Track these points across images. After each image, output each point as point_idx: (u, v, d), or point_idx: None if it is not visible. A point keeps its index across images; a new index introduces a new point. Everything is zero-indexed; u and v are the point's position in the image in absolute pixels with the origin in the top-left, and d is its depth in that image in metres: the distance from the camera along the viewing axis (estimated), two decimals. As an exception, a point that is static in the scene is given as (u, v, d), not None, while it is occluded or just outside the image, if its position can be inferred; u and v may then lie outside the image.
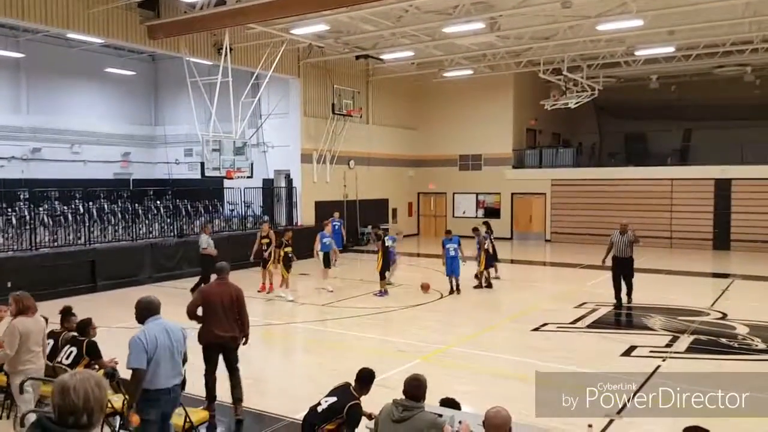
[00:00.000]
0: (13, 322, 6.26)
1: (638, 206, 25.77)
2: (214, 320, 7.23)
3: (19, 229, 16.77)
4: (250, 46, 20.97)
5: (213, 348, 7.29)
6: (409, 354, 10.23)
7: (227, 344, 7.29)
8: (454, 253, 15.23)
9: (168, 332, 5.44)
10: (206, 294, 7.42)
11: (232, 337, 7.28)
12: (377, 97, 28.09)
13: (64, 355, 7.14)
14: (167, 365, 5.39)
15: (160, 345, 5.34)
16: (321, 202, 24.44)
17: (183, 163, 28.28)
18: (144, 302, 5.58)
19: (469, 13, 18.18)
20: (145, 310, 5.53)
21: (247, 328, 7.44)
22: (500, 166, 28.97)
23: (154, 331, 5.38)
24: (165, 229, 19.99)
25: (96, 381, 2.41)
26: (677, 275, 19.02)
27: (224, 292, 7.32)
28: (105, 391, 2.41)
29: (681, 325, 12.18)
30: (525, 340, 11.41)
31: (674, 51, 23.42)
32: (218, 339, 7.23)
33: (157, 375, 5.33)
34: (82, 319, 7.61)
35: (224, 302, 7.24)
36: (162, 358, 5.34)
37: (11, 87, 24.00)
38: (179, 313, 7.11)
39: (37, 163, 24.22)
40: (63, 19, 16.22)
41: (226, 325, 7.24)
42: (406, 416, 4.67)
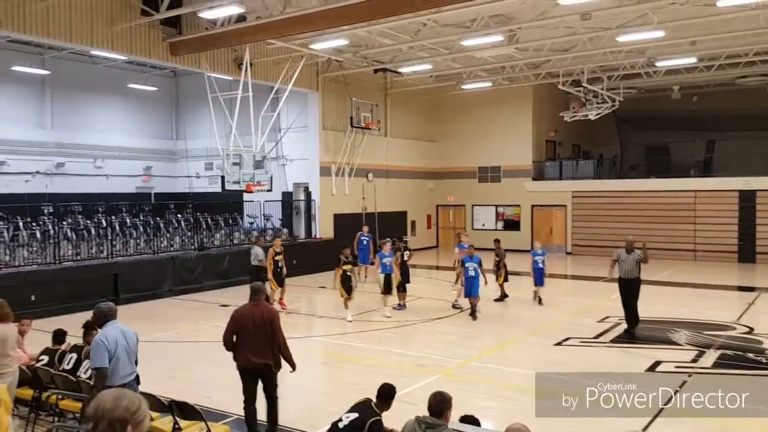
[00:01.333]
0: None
1: (661, 218, 25.47)
2: (246, 344, 6.86)
3: (43, 242, 16.99)
4: (270, 61, 21.16)
5: (247, 374, 6.93)
6: (429, 368, 10.16)
7: (262, 371, 6.89)
8: (474, 273, 14.00)
9: (124, 335, 6.00)
10: (237, 317, 6.99)
11: (266, 364, 6.85)
12: (395, 110, 28.16)
13: (66, 362, 7.24)
14: (125, 363, 5.95)
15: (119, 345, 5.89)
16: (340, 215, 24.49)
17: (203, 176, 28.51)
18: (104, 308, 6.07)
19: (487, 25, 18.18)
20: (104, 315, 6.03)
21: (286, 352, 6.98)
22: (520, 177, 28.83)
23: (113, 333, 5.92)
24: (186, 243, 20.13)
25: (128, 399, 2.40)
26: (702, 288, 18.71)
27: (256, 314, 6.90)
28: (127, 411, 2.37)
29: (707, 339, 11.97)
30: (547, 354, 11.26)
31: (696, 61, 23.21)
32: (251, 365, 6.85)
33: (117, 372, 5.86)
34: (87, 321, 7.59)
35: (256, 325, 6.82)
36: (120, 356, 5.90)
37: (37, 103, 24.42)
38: (199, 328, 7.12)
39: (61, 177, 24.57)
40: (87, 36, 16.50)
41: (258, 349, 6.82)
42: (428, 434, 4.61)
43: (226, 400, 8.25)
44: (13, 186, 22.69)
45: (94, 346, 5.84)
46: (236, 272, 19.81)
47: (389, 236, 24.94)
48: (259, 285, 7.25)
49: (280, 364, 7.00)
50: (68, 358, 7.33)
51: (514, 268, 21.60)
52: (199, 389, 9.05)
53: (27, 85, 23.81)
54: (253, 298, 7.07)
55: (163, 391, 7.80)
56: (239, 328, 6.94)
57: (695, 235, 25.41)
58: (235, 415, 7.71)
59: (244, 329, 6.91)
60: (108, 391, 2.50)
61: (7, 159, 22.85)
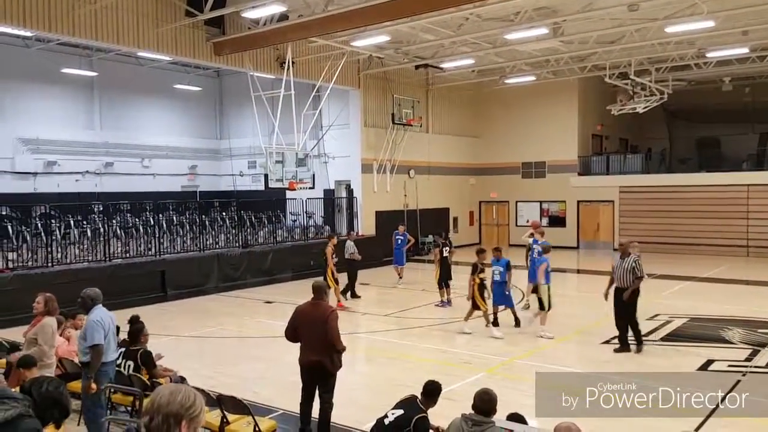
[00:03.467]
0: (48, 321, 6.78)
1: (712, 213, 24.76)
2: (304, 342, 6.96)
3: (94, 240, 17.41)
4: (312, 59, 21.27)
5: (304, 371, 6.98)
6: (474, 366, 10.06)
7: (316, 369, 6.89)
8: (500, 278, 12.41)
9: (110, 317, 6.68)
10: (297, 314, 7.06)
11: (319, 362, 6.83)
12: (437, 106, 28.00)
13: (123, 367, 7.35)
14: (112, 342, 6.73)
15: (110, 325, 6.62)
16: (381, 212, 24.49)
17: (247, 175, 28.90)
18: (92, 293, 6.63)
19: (531, 19, 17.90)
20: (91, 300, 6.59)
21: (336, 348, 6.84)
22: (565, 173, 28.32)
23: (104, 315, 6.59)
24: (230, 240, 20.41)
25: (184, 394, 2.40)
26: (756, 285, 18.10)
27: (314, 312, 6.93)
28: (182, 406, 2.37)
29: (762, 338, 11.56)
30: (594, 353, 11.03)
31: (748, 52, 22.41)
32: (308, 363, 6.91)
33: (110, 348, 6.63)
34: (134, 326, 7.75)
35: (315, 323, 6.84)
36: (111, 335, 6.66)
37: (86, 104, 25.10)
38: (244, 324, 7.17)
39: (109, 177, 25.22)
40: (134, 38, 16.85)
41: (315, 348, 6.84)
42: (476, 431, 4.55)
43: (273, 395, 8.32)
44: (64, 185, 23.38)
45: (92, 325, 6.43)
46: (279, 269, 20.03)
47: (431, 233, 25.01)
48: (321, 283, 7.17)
49: (337, 364, 6.93)
50: (125, 364, 7.44)
51: (558, 265, 21.31)
52: (247, 384, 9.13)
53: (76, 87, 24.48)
54: (315, 296, 7.03)
55: (211, 386, 7.91)
56: (299, 325, 6.98)
57: (748, 231, 24.59)
58: (282, 410, 7.76)
59: (302, 328, 6.94)
60: (165, 386, 2.53)
61: (58, 159, 23.55)
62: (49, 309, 6.82)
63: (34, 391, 3.67)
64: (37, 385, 3.75)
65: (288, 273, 19.98)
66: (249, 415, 6.16)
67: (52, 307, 6.85)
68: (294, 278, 19.62)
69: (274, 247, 20.67)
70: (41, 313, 6.81)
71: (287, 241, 21.83)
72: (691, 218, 24.73)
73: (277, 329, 8.06)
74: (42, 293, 6.99)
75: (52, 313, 6.84)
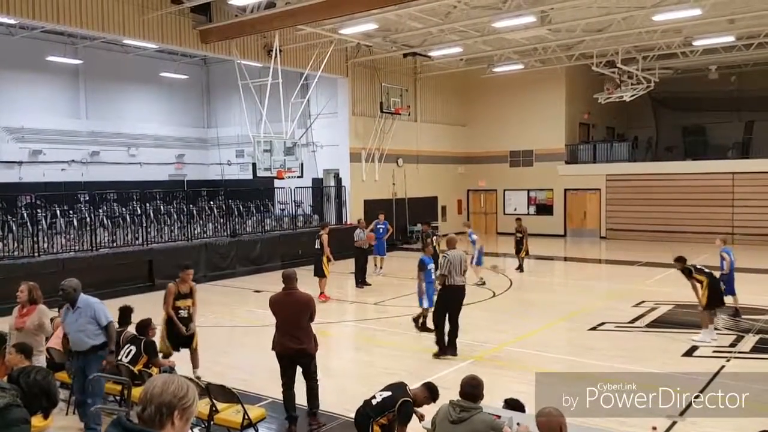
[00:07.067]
0: (46, 309, 6.87)
1: (697, 201, 24.98)
2: (280, 330, 7.01)
3: (80, 230, 17.29)
4: (299, 47, 21.15)
5: (283, 358, 7.03)
6: (462, 353, 10.10)
7: (296, 357, 6.97)
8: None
9: None
10: (271, 304, 7.14)
11: (299, 349, 6.90)
12: (425, 94, 27.97)
13: (124, 353, 7.36)
14: None
15: None
16: (370, 201, 24.48)
17: (235, 164, 28.78)
18: (74, 284, 6.72)
19: (519, 6, 17.89)
20: (74, 289, 6.68)
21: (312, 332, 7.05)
22: (552, 161, 28.43)
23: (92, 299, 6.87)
24: (218, 229, 20.35)
25: (176, 384, 2.42)
26: (740, 272, 18.22)
27: (289, 301, 6.99)
28: (174, 396, 2.38)
29: (745, 324, 11.71)
30: (581, 339, 11.14)
31: (734, 40, 22.51)
32: (286, 350, 6.96)
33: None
34: (142, 320, 7.87)
35: (290, 312, 6.93)
36: None
37: (71, 93, 24.84)
38: (234, 313, 7.17)
39: (96, 166, 25.01)
40: (119, 25, 16.68)
41: (292, 336, 6.91)
42: (463, 417, 4.61)
43: (263, 384, 8.34)
44: (50, 174, 23.19)
45: (99, 306, 6.75)
46: (268, 258, 19.99)
47: (419, 221, 25.07)
48: (290, 273, 7.14)
49: (315, 345, 7.08)
50: (127, 349, 7.45)
51: (545, 252, 21.43)
52: (236, 373, 9.16)
53: (61, 75, 24.22)
54: (286, 285, 7.07)
55: (201, 374, 7.91)
56: (274, 313, 7.08)
57: (733, 218, 24.82)
58: (270, 398, 7.79)
59: (278, 317, 7.03)
60: (159, 376, 2.55)
61: (43, 148, 23.31)
62: (34, 297, 6.80)
63: (21, 380, 3.66)
64: (25, 374, 3.74)
65: (277, 262, 19.93)
66: (238, 404, 6.18)
67: (36, 295, 6.84)
68: (283, 267, 19.40)
69: (263, 236, 20.63)
70: (25, 301, 6.78)
71: (276, 230, 21.78)
72: (676, 206, 24.93)
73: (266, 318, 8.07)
74: (25, 282, 6.97)
75: (37, 302, 6.82)
